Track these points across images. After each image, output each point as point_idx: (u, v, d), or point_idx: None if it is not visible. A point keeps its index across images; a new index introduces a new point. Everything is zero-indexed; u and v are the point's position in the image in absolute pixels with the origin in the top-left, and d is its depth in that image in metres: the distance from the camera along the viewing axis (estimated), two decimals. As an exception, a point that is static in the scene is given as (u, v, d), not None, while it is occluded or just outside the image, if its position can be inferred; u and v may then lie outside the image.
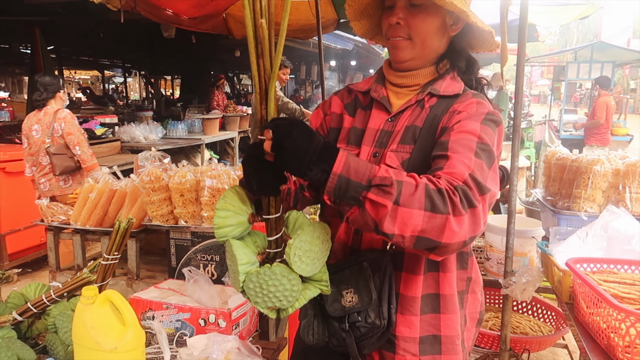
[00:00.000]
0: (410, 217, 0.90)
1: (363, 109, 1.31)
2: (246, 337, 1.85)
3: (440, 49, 1.23)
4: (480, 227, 0.95)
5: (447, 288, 1.19)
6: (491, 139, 1.08)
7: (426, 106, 1.20)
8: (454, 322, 1.19)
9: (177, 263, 2.28)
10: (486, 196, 0.98)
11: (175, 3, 3.92)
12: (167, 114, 10.08)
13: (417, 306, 1.17)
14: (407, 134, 1.19)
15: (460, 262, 1.23)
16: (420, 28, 1.17)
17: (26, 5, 5.86)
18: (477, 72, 1.28)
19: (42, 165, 3.82)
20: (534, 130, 8.55)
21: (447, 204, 0.91)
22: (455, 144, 1.05)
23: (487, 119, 1.11)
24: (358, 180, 0.92)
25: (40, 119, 3.80)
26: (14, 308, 1.64)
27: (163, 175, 2.25)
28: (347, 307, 1.13)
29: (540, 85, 34.14)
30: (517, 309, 2.73)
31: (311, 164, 0.92)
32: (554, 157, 2.58)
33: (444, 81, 1.22)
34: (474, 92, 1.21)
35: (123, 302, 1.38)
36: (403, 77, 1.25)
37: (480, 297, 1.30)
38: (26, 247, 4.47)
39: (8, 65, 14.06)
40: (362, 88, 1.33)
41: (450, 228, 0.91)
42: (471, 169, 0.99)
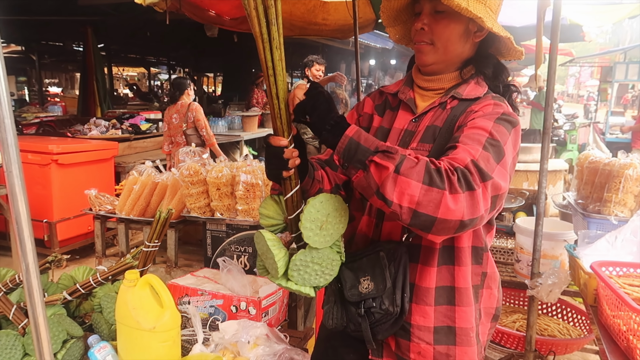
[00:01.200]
0: (408, 186, 0.98)
1: (391, 109, 1.38)
2: (275, 325, 1.94)
3: (464, 54, 1.28)
4: (479, 211, 1.00)
5: (462, 281, 1.24)
6: (503, 137, 1.12)
7: (447, 107, 1.26)
8: (468, 315, 1.24)
9: (212, 253, 2.40)
10: (488, 183, 1.02)
11: (217, 4, 4.05)
12: (208, 111, 10.33)
13: (431, 297, 1.22)
14: (427, 133, 1.25)
15: (475, 256, 1.27)
16: (442, 33, 1.23)
17: (79, 6, 6.17)
18: (506, 79, 1.31)
19: (178, 142, 4.96)
20: (577, 132, 8.29)
21: (444, 180, 0.98)
22: (466, 137, 1.11)
23: (502, 118, 1.15)
24: (367, 146, 1.05)
25: (178, 110, 5.01)
26: (64, 288, 1.79)
27: (201, 170, 2.38)
28: (364, 293, 1.20)
29: (589, 86, 32.87)
30: (547, 311, 2.71)
31: (329, 124, 1.09)
32: (587, 160, 2.54)
33: (467, 85, 1.27)
34: (494, 95, 1.25)
35: (162, 286, 1.49)
36: (429, 80, 1.32)
37: (496, 294, 1.34)
38: (75, 235, 4.71)
39: (61, 62, 14.77)
40: (392, 90, 1.40)
41: (445, 204, 0.97)
42: (475, 157, 1.04)
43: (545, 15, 2.45)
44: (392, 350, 1.28)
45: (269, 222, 1.24)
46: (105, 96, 8.33)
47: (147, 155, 5.91)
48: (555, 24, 2.00)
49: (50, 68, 16.95)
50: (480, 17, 1.15)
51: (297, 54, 10.74)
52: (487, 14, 1.20)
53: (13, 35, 10.27)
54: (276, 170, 1.14)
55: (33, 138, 5.50)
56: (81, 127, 6.14)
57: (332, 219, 1.15)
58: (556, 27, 2.01)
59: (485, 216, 1.03)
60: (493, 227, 1.34)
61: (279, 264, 1.14)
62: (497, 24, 1.21)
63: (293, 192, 1.17)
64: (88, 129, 6.05)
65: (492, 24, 1.18)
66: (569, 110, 11.72)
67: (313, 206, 1.12)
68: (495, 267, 1.35)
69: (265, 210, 1.24)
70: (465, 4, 1.14)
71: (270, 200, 1.24)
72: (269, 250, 1.14)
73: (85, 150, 4.78)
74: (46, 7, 7.21)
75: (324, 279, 1.20)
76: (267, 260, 1.18)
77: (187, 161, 2.44)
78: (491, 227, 1.33)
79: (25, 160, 4.38)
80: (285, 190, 1.18)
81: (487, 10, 1.20)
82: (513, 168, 1.21)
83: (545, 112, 2.02)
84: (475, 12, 1.14)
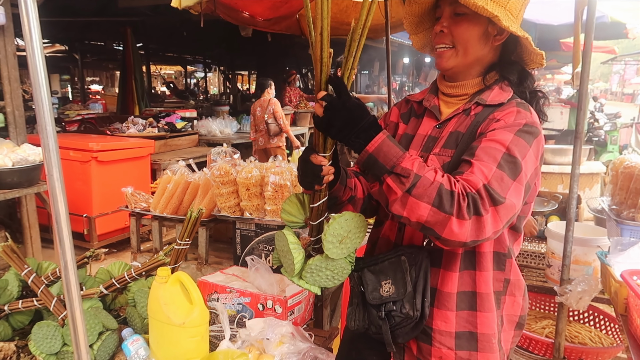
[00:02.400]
0: (418, 208, 1.04)
1: (416, 117, 1.40)
2: (300, 324, 1.97)
3: (485, 59, 1.27)
4: (485, 234, 1.03)
5: (483, 287, 1.23)
6: (522, 150, 1.12)
7: (472, 114, 1.26)
8: (490, 321, 1.24)
9: (241, 251, 2.45)
10: (499, 207, 1.04)
11: (251, 6, 4.13)
12: (242, 109, 10.50)
13: (452, 302, 1.23)
14: (451, 139, 1.26)
15: (497, 262, 1.26)
16: (462, 35, 1.23)
17: (119, 8, 6.38)
18: (531, 85, 1.31)
19: (261, 130, 6.23)
20: (618, 133, 7.99)
21: (453, 205, 1.02)
22: (482, 151, 1.11)
23: (523, 130, 1.14)
24: (384, 163, 1.08)
25: (261, 104, 6.19)
26: (101, 282, 1.87)
27: (232, 170, 2.44)
28: (385, 296, 1.23)
29: (634, 84, 31.61)
30: (579, 318, 2.66)
31: (353, 138, 1.11)
32: (622, 165, 2.47)
33: (492, 91, 1.26)
34: (518, 101, 1.24)
35: (191, 283, 1.55)
36: (453, 87, 1.32)
37: (521, 302, 1.32)
38: (113, 230, 4.90)
39: (102, 61, 15.25)
40: (417, 98, 1.42)
41: (450, 227, 1.02)
42: (488, 180, 1.05)
43: (582, 14, 2.39)
44: (414, 354, 1.29)
45: (290, 218, 1.30)
46: (143, 94, 8.58)
47: (181, 153, 6.06)
48: (590, 23, 1.96)
49: (92, 66, 17.54)
50: (497, 16, 1.15)
51: (329, 52, 10.73)
52: (506, 15, 1.19)
53: (58, 36, 10.69)
54: (310, 184, 1.20)
55: (75, 136, 5.73)
56: (120, 125, 6.34)
57: (352, 235, 1.21)
58: (590, 27, 1.96)
59: (492, 236, 1.06)
60: (520, 234, 1.33)
61: (297, 265, 1.22)
62: (515, 26, 1.20)
63: (320, 203, 1.23)
64: (126, 127, 6.25)
65: (509, 23, 1.17)
66: (613, 109, 11.29)
67: (338, 223, 1.18)
68: (520, 275, 1.34)
69: (289, 207, 1.29)
70: (482, 3, 1.15)
71: (295, 199, 1.29)
72: (290, 252, 1.21)
73: (123, 148, 4.95)
74: (89, 8, 7.49)
75: (332, 283, 1.27)
76: (285, 259, 1.26)
77: (218, 161, 2.50)
78: (518, 234, 1.32)
79: (67, 157, 4.58)
80: (314, 198, 1.23)
81: (506, 12, 1.20)
82: (536, 177, 1.21)
83: (578, 115, 1.98)
84: (492, 11, 1.15)
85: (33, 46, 0.95)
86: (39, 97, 0.97)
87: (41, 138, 1.00)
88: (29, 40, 0.95)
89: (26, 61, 0.96)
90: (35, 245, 4.07)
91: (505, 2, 1.20)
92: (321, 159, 1.15)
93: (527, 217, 1.30)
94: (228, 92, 16.26)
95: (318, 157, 1.16)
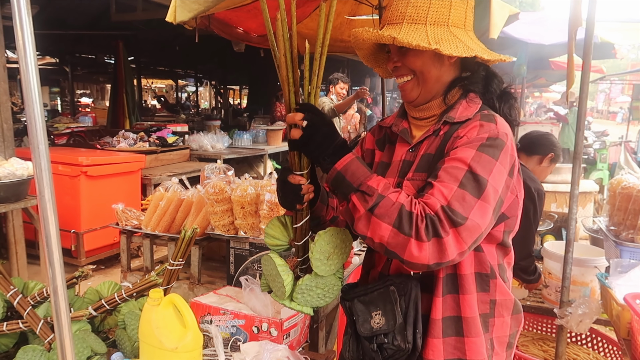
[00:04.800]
0: (379, 227, 1.04)
1: (391, 143, 1.38)
2: (296, 347, 1.92)
3: (443, 78, 1.25)
4: (448, 257, 1.01)
5: (468, 310, 1.19)
6: (487, 166, 1.08)
7: (440, 134, 1.24)
8: (478, 346, 1.19)
9: (235, 271, 2.40)
10: (460, 229, 1.01)
11: (245, 22, 4.12)
12: (233, 124, 10.48)
13: (438, 329, 1.18)
14: (422, 162, 1.23)
15: (480, 284, 1.22)
16: (415, 64, 1.22)
17: (112, 22, 6.36)
18: (498, 88, 1.28)
19: None
20: (607, 151, 8.07)
21: (412, 227, 1.01)
22: (444, 172, 1.09)
23: (486, 145, 1.11)
24: (351, 182, 1.10)
25: None
26: (90, 303, 1.81)
27: (226, 188, 2.39)
28: (375, 328, 1.19)
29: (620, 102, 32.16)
30: (576, 340, 2.63)
31: (326, 157, 1.13)
32: (619, 186, 2.47)
33: (459, 107, 1.24)
34: (483, 114, 1.21)
35: (185, 306, 1.50)
36: (419, 110, 1.31)
37: (509, 321, 1.27)
38: (101, 246, 4.80)
39: (93, 74, 15.17)
40: (389, 123, 1.40)
41: (409, 250, 1.01)
42: (447, 200, 1.03)
43: (576, 34, 2.41)
44: None
45: (274, 242, 1.29)
46: (134, 108, 8.52)
47: (173, 167, 6.00)
48: (588, 45, 1.97)
49: (82, 79, 17.43)
50: (437, 48, 1.14)
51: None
52: (449, 36, 1.18)
53: (48, 48, 10.62)
54: (291, 204, 1.21)
55: (64, 149, 5.65)
56: (110, 139, 6.27)
57: (338, 250, 1.22)
58: (589, 47, 1.97)
59: (457, 258, 1.04)
60: (510, 249, 1.28)
61: (287, 287, 1.22)
62: (461, 44, 1.18)
63: (303, 222, 1.24)
64: (117, 141, 6.18)
65: (453, 48, 1.16)
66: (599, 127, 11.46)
67: (324, 239, 1.19)
68: (508, 292, 1.28)
69: (272, 230, 1.29)
70: (417, 41, 1.14)
71: (277, 222, 1.29)
72: (279, 274, 1.21)
73: (113, 163, 4.88)
74: (81, 22, 7.47)
75: (324, 301, 1.27)
76: (274, 283, 1.25)
77: (212, 178, 2.46)
78: (507, 249, 1.27)
79: (56, 171, 4.50)
80: (297, 219, 1.24)
81: (449, 32, 1.19)
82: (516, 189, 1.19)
83: (577, 136, 1.97)
84: (430, 45, 1.14)
85: (27, 62, 0.91)
86: (32, 114, 0.93)
87: (33, 157, 0.95)
88: (23, 56, 0.91)
89: (15, 73, 0.92)
90: (21, 262, 3.97)
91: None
92: (299, 178, 1.18)
93: (513, 231, 1.26)
94: (219, 107, 16.26)
95: (296, 177, 1.18)
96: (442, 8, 1.19)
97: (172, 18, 2.75)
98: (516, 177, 1.19)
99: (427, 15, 1.19)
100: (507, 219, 1.20)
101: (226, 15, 3.83)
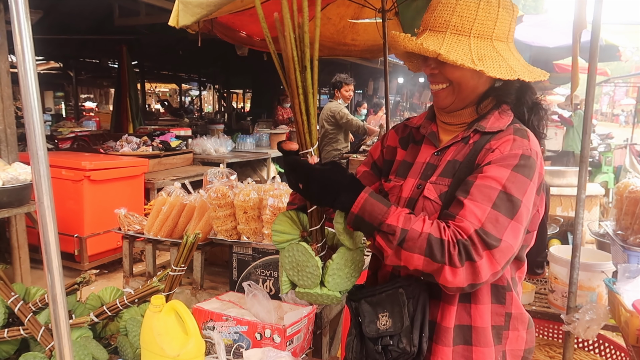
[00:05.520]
0: (412, 259, 1.05)
1: (415, 143, 1.37)
2: (299, 354, 1.90)
3: (479, 88, 1.24)
4: (481, 279, 1.02)
5: (479, 320, 1.19)
6: (522, 187, 1.08)
7: (470, 142, 1.23)
8: (487, 356, 1.19)
9: (238, 276, 2.38)
10: (494, 251, 1.02)
11: (249, 25, 4.12)
12: (237, 128, 10.49)
13: (449, 337, 1.18)
14: (448, 167, 1.23)
15: (496, 295, 1.22)
16: (453, 75, 1.20)
17: (116, 26, 6.38)
18: (530, 100, 1.27)
19: None
20: (612, 154, 8.02)
21: (444, 254, 1.01)
22: (476, 189, 1.08)
23: (521, 165, 1.11)
24: (370, 222, 1.08)
25: None
26: (91, 309, 1.79)
27: (229, 193, 2.38)
28: (381, 329, 1.19)
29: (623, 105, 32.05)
30: (583, 346, 2.59)
31: (337, 202, 1.12)
32: (627, 190, 2.44)
33: (491, 117, 1.24)
34: (516, 128, 1.20)
35: (187, 313, 1.48)
36: (450, 116, 1.30)
37: (524, 335, 1.27)
38: (104, 250, 4.80)
39: (96, 78, 15.24)
40: (416, 124, 1.39)
41: (444, 275, 1.01)
42: (481, 223, 1.03)
43: (580, 37, 2.39)
44: None
45: (283, 238, 1.27)
46: (137, 112, 8.53)
47: (176, 171, 5.99)
48: (594, 48, 1.95)
49: (86, 84, 17.51)
50: (482, 70, 1.13)
51: (325, 71, 10.82)
52: (492, 52, 1.17)
53: (53, 53, 10.68)
54: None
55: (67, 154, 5.65)
56: (114, 144, 6.28)
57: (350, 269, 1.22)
58: (595, 51, 1.95)
59: (491, 279, 1.04)
60: (523, 263, 1.28)
61: (321, 270, 1.19)
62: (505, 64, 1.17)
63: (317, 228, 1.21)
64: (120, 145, 6.18)
65: (497, 69, 1.15)
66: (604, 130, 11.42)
67: None
68: (523, 308, 1.29)
69: (280, 226, 1.27)
70: (462, 60, 1.12)
71: (283, 217, 1.27)
72: (310, 258, 1.18)
73: (116, 167, 4.88)
74: (85, 26, 7.49)
75: (351, 282, 1.25)
76: (302, 273, 1.21)
77: (215, 183, 2.45)
78: (521, 262, 1.28)
79: (59, 176, 4.50)
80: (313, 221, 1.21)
81: (492, 47, 1.18)
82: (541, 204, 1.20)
83: (583, 139, 1.95)
84: (475, 65, 1.12)
85: (26, 67, 0.90)
86: (30, 119, 0.91)
87: (32, 163, 0.94)
88: (22, 61, 0.89)
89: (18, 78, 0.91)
90: (24, 266, 3.97)
91: None
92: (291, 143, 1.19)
93: (529, 245, 1.26)
94: (223, 111, 16.27)
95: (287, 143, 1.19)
96: (487, 20, 1.16)
97: (174, 22, 2.74)
98: (541, 194, 1.19)
99: (472, 27, 1.16)
100: (526, 233, 1.18)
101: (229, 19, 3.82)
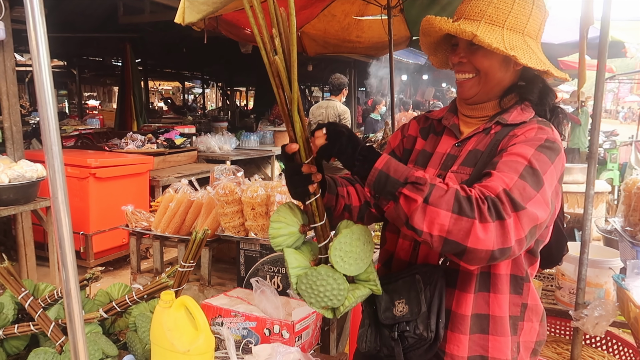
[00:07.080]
0: (438, 216, 0.98)
1: (435, 134, 1.38)
2: (308, 349, 1.90)
3: (504, 82, 1.26)
4: (510, 242, 0.97)
5: (497, 310, 1.19)
6: (544, 165, 1.08)
7: (491, 132, 1.24)
8: (503, 346, 1.19)
9: (245, 273, 2.39)
10: (521, 213, 0.99)
11: (253, 23, 4.12)
12: (240, 125, 10.49)
13: (466, 325, 1.18)
14: (469, 157, 1.24)
15: (514, 286, 1.22)
16: (482, 64, 1.22)
17: (120, 24, 6.38)
18: (551, 102, 1.29)
19: None
20: (618, 151, 7.98)
21: (474, 209, 0.97)
22: (503, 164, 1.08)
23: (545, 145, 1.12)
24: (396, 178, 1.04)
25: None
26: (100, 305, 1.80)
27: (236, 189, 2.38)
28: (398, 316, 1.18)
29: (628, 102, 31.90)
30: (591, 342, 2.59)
31: (357, 159, 1.08)
32: (635, 186, 2.43)
33: (513, 111, 1.25)
34: (539, 119, 1.22)
35: (197, 308, 1.48)
36: (472, 109, 1.31)
37: (537, 327, 1.28)
38: (110, 247, 4.81)
39: (100, 76, 15.25)
40: (437, 116, 1.41)
41: (475, 233, 0.96)
42: (508, 187, 1.01)
43: (587, 33, 2.38)
44: None
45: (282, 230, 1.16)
46: (141, 110, 8.54)
47: (180, 169, 6.00)
48: (603, 44, 1.94)
49: (90, 82, 17.53)
50: (515, 55, 1.14)
51: (329, 69, 10.81)
52: (524, 45, 1.18)
53: (56, 51, 10.66)
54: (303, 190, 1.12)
55: (72, 151, 5.66)
56: (118, 141, 6.29)
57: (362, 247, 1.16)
58: (604, 47, 1.94)
59: (516, 248, 0.99)
60: (537, 259, 1.28)
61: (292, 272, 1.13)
62: (535, 56, 1.18)
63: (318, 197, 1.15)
64: (125, 143, 6.20)
65: (528, 58, 1.16)
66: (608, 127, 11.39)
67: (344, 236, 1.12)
68: (539, 300, 1.30)
69: (280, 216, 1.17)
70: (497, 44, 1.13)
71: (284, 207, 1.20)
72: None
73: (121, 165, 4.89)
74: (89, 24, 7.49)
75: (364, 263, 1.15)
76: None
77: (222, 180, 2.45)
78: (535, 258, 1.27)
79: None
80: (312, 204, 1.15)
81: (523, 41, 1.19)
82: (557, 198, 1.16)
83: (592, 135, 1.95)
84: (508, 51, 1.13)
85: (40, 63, 0.90)
86: (45, 115, 0.92)
87: (46, 158, 0.94)
88: (36, 57, 0.90)
89: (24, 76, 0.92)
90: (30, 264, 3.98)
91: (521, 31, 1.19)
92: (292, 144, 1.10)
93: (545, 241, 1.26)
94: (226, 108, 16.28)
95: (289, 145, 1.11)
96: (521, 15, 1.19)
97: (180, 19, 2.73)
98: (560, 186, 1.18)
99: (507, 19, 1.18)
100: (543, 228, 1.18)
101: (234, 17, 3.82)
